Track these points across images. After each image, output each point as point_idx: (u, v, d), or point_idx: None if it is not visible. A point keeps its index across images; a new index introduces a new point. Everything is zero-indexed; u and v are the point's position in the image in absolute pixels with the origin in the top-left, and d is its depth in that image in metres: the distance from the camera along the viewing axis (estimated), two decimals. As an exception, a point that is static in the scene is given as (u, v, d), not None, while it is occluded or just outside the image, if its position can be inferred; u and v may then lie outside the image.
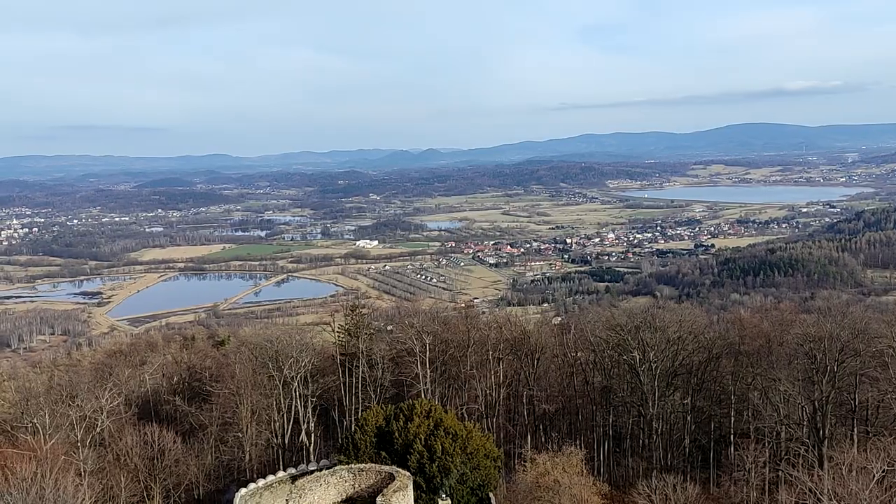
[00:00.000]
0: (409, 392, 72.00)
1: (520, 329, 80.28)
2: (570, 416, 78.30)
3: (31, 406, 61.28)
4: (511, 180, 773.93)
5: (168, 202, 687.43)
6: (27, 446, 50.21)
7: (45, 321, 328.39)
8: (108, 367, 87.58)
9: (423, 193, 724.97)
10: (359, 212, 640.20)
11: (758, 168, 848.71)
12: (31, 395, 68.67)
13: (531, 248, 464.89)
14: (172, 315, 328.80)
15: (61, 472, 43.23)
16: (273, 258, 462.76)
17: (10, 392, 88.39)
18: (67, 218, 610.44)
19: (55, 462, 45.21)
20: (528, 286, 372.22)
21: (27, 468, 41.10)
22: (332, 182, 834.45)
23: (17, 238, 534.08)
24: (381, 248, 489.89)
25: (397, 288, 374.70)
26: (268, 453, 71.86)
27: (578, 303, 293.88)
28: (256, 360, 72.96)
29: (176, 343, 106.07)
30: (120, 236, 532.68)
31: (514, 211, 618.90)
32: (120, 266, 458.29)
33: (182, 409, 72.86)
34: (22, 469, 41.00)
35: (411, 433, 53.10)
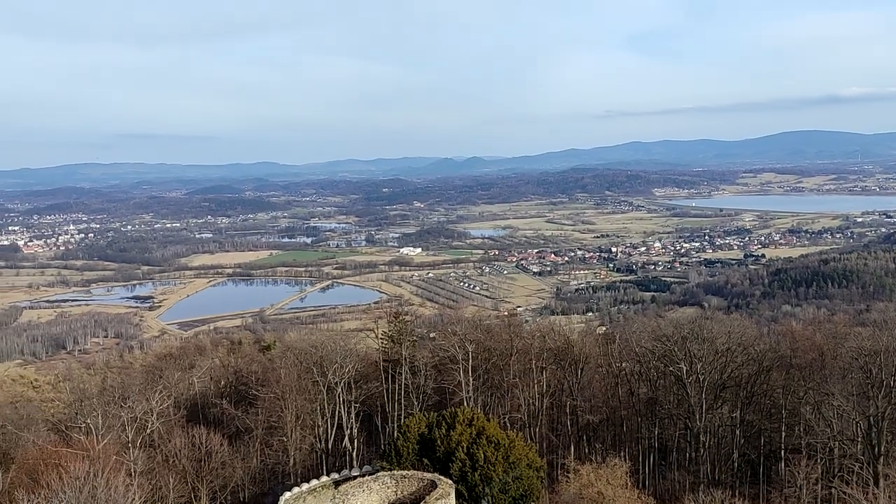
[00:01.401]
0: (451, 400, 71.97)
1: (563, 338, 79.54)
2: (615, 427, 77.24)
3: (85, 406, 62.82)
4: (555, 188, 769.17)
5: (217, 209, 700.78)
6: (81, 446, 51.53)
7: (99, 324, 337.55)
8: (158, 370, 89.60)
9: (467, 201, 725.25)
10: (403, 219, 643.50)
11: (811, 176, 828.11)
12: (85, 395, 70.49)
13: (575, 256, 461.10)
14: (220, 319, 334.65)
15: (113, 472, 44.28)
16: (318, 264, 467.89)
17: (65, 392, 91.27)
18: (121, 224, 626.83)
19: (107, 462, 46.32)
20: (572, 295, 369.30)
21: (80, 467, 42.18)
22: (376, 190, 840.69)
23: (73, 243, 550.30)
24: (424, 255, 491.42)
25: (440, 295, 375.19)
26: (311, 458, 72.51)
27: (623, 312, 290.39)
28: (301, 365, 73.71)
29: (223, 347, 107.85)
30: (171, 242, 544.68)
31: (558, 219, 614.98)
32: (171, 271, 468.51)
33: (229, 412, 73.95)
34: (75, 468, 42.08)
35: (453, 441, 53.08)
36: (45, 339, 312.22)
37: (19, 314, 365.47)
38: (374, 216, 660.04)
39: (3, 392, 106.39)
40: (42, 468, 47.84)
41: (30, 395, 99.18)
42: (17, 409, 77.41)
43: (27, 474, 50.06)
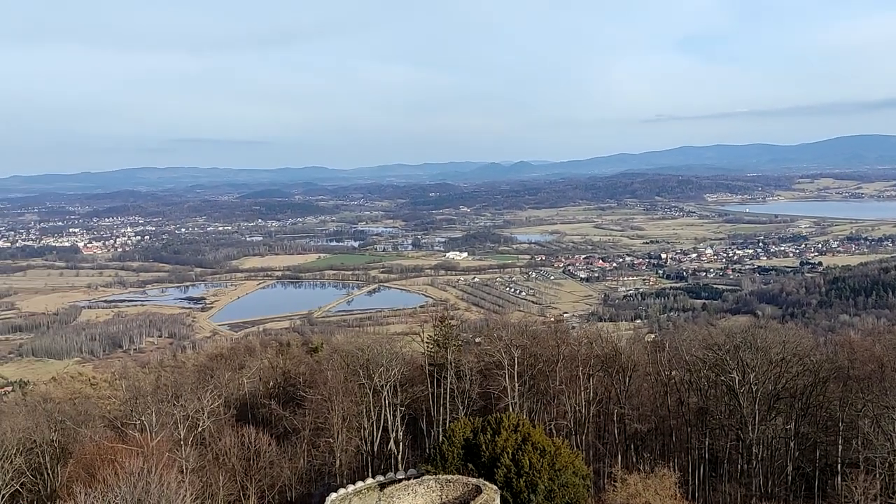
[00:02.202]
0: (496, 405, 71.70)
1: (611, 345, 78.58)
2: (664, 436, 75.93)
3: (140, 404, 64.34)
4: (604, 193, 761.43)
5: (268, 212, 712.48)
6: (135, 442, 52.80)
7: (153, 324, 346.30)
8: (209, 370, 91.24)
9: (514, 206, 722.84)
10: (449, 224, 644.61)
11: (870, 182, 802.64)
12: (139, 393, 72.18)
13: (624, 262, 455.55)
14: (269, 321, 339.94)
15: (165, 469, 45.28)
16: (365, 268, 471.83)
17: (121, 390, 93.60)
18: (176, 226, 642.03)
19: (160, 458, 47.39)
20: (620, 301, 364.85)
21: (135, 463, 43.27)
22: (423, 194, 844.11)
23: (130, 245, 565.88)
24: (470, 259, 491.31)
25: (486, 300, 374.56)
26: (357, 460, 73.02)
27: (673, 320, 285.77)
28: (348, 367, 74.31)
29: (272, 348, 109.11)
30: (223, 244, 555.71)
31: (606, 224, 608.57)
32: (222, 273, 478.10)
33: (277, 412, 74.91)
34: (130, 464, 43.18)
35: (499, 447, 52.86)
36: (102, 337, 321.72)
37: (79, 313, 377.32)
38: (420, 220, 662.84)
39: (63, 388, 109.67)
40: (98, 463, 49.19)
41: (87, 391, 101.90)
42: (76, 406, 79.61)
43: (84, 469, 51.50)
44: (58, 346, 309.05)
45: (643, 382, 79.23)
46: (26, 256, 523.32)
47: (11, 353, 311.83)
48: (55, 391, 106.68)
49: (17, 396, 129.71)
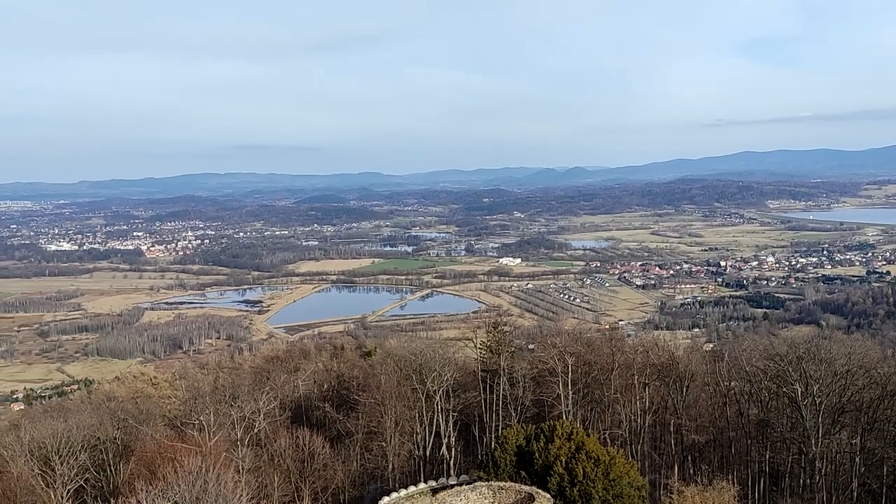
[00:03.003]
0: (549, 413, 71.05)
1: (668, 354, 77.04)
2: (722, 448, 74.09)
3: (199, 404, 65.77)
4: (661, 199, 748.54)
5: (323, 217, 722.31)
6: (194, 442, 54.02)
7: (212, 326, 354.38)
8: (265, 372, 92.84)
9: (568, 212, 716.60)
10: (503, 229, 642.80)
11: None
12: (198, 394, 73.81)
13: (681, 269, 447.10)
14: (324, 325, 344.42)
15: (223, 468, 46.16)
16: (418, 273, 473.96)
17: (180, 390, 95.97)
18: (234, 231, 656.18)
19: (217, 458, 48.34)
20: (677, 310, 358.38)
21: (193, 462, 44.21)
22: (477, 200, 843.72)
23: (190, 249, 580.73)
24: (523, 265, 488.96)
25: (539, 307, 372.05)
26: (409, 464, 73.22)
27: (732, 329, 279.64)
28: (401, 371, 74.66)
29: (327, 352, 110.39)
30: (279, 249, 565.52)
31: (663, 231, 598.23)
32: (279, 277, 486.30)
33: (331, 415, 75.66)
34: (189, 462, 44.15)
35: (552, 455, 52.30)
36: (163, 338, 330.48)
37: (141, 315, 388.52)
38: (473, 226, 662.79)
39: (126, 388, 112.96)
40: (159, 461, 50.46)
41: (149, 391, 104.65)
42: (138, 405, 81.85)
43: (145, 466, 52.88)
44: (121, 346, 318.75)
45: (701, 393, 77.51)
46: (93, 259, 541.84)
47: (78, 352, 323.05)
48: (118, 390, 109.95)
49: (82, 394, 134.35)
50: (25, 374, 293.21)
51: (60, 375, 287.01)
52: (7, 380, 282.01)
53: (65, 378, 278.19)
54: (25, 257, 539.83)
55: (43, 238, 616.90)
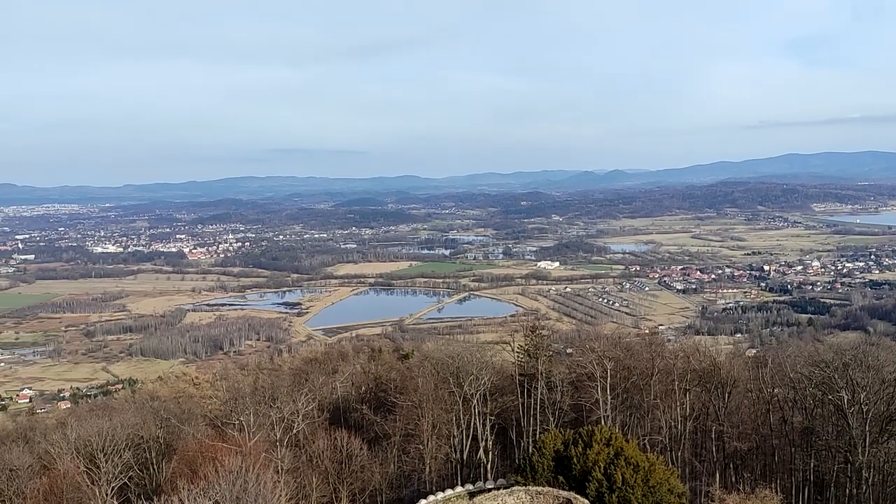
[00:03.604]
0: (587, 418, 70.40)
1: (709, 360, 75.80)
2: (765, 456, 72.60)
3: (239, 405, 66.53)
4: (702, 202, 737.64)
5: (361, 220, 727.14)
6: (234, 441, 54.70)
7: (252, 327, 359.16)
8: (304, 374, 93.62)
9: (608, 215, 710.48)
10: (541, 233, 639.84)
11: None
12: (238, 394, 74.69)
13: (723, 274, 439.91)
14: (362, 327, 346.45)
15: (262, 468, 46.67)
16: (456, 276, 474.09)
17: (221, 391, 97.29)
18: (274, 234, 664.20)
19: (257, 458, 48.89)
20: (718, 314, 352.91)
21: (233, 462, 44.80)
22: (515, 203, 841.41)
23: (231, 251, 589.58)
24: (562, 269, 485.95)
25: (578, 311, 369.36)
26: (447, 467, 73.16)
27: (776, 335, 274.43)
28: (438, 375, 74.65)
29: (364, 354, 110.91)
30: (318, 251, 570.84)
31: (704, 235, 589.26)
32: (317, 279, 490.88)
33: (368, 417, 75.98)
34: (229, 462, 44.73)
35: (590, 460, 51.78)
36: (204, 339, 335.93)
37: (183, 316, 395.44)
38: (511, 229, 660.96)
39: (168, 387, 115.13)
40: (200, 460, 51.22)
41: (191, 391, 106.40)
42: (180, 404, 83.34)
43: (187, 465, 53.73)
44: (164, 346, 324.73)
45: (743, 399, 76.12)
46: (137, 261, 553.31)
47: (122, 352, 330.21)
48: (161, 390, 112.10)
49: (126, 394, 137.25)
50: (72, 373, 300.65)
51: (105, 375, 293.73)
52: (55, 378, 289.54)
53: (109, 377, 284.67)
54: (73, 259, 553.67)
55: (89, 240, 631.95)
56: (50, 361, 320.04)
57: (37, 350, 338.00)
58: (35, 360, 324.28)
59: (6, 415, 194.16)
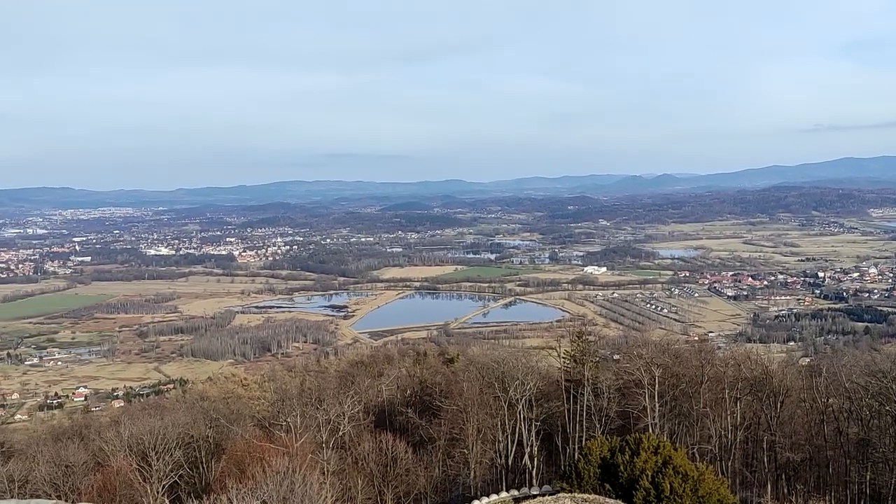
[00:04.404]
0: (635, 425, 69.42)
1: (761, 368, 74.02)
2: (819, 468, 70.59)
3: (286, 406, 67.43)
4: (754, 207, 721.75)
5: (407, 224, 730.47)
6: (281, 442, 55.40)
7: (299, 330, 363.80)
8: (350, 376, 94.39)
9: (656, 220, 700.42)
10: (588, 237, 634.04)
11: None
12: (286, 396, 75.78)
13: (776, 280, 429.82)
14: (407, 331, 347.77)
15: (308, 469, 47.14)
16: (501, 281, 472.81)
17: (269, 392, 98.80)
18: (322, 237, 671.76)
19: (304, 459, 49.42)
20: (771, 322, 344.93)
21: (280, 462, 45.37)
22: (561, 207, 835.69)
23: (279, 254, 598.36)
24: (609, 274, 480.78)
25: (625, 316, 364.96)
26: (491, 472, 72.92)
27: (831, 343, 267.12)
28: (483, 379, 74.48)
29: (410, 358, 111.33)
30: (365, 255, 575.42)
31: (756, 240, 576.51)
32: (364, 283, 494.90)
33: (413, 421, 76.17)
34: (276, 463, 45.32)
35: (637, 468, 51.00)
36: (253, 341, 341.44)
37: (233, 318, 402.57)
38: (558, 234, 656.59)
39: (218, 388, 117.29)
40: (248, 460, 52.00)
41: (239, 392, 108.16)
42: (229, 405, 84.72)
43: (235, 465, 54.59)
44: (214, 347, 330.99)
45: (796, 409, 74.19)
46: (188, 263, 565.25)
47: (174, 352, 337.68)
48: (211, 390, 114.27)
49: (177, 394, 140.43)
50: (125, 372, 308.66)
51: (157, 375, 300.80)
52: (109, 378, 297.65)
53: (161, 377, 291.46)
54: (127, 261, 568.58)
55: (143, 243, 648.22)
56: (104, 361, 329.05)
57: (92, 350, 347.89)
58: (90, 359, 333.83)
59: (63, 412, 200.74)
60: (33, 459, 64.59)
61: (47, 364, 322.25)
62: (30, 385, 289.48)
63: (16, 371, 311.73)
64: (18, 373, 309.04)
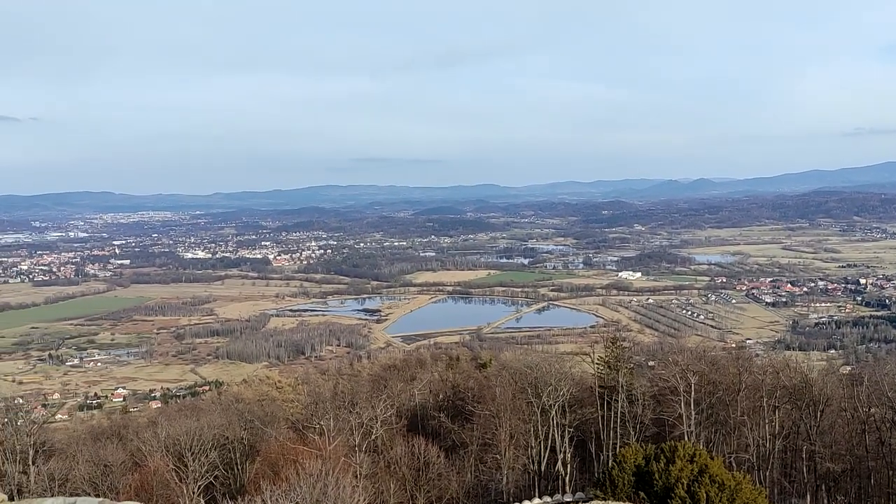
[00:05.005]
0: (670, 433, 68.40)
1: (801, 376, 72.52)
2: (860, 479, 68.82)
3: (319, 409, 67.71)
4: (793, 212, 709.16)
5: (440, 229, 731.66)
6: (315, 445, 55.68)
7: (332, 333, 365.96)
8: (383, 380, 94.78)
9: (692, 225, 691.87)
10: (622, 242, 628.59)
11: None
12: (319, 399, 76.14)
13: (816, 287, 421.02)
14: (440, 335, 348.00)
15: (341, 472, 47.31)
16: (534, 286, 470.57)
17: (302, 395, 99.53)
18: (355, 241, 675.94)
19: (337, 462, 49.62)
20: (810, 329, 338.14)
21: (314, 465, 45.58)
22: (595, 212, 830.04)
23: (314, 258, 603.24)
24: (644, 280, 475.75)
25: (660, 323, 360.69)
26: (524, 478, 72.47)
27: (873, 352, 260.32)
28: (516, 384, 74.15)
29: (442, 362, 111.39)
30: (398, 259, 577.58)
31: (796, 246, 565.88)
32: (396, 287, 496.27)
33: (446, 425, 76.13)
34: (309, 465, 45.55)
35: (672, 476, 50.22)
36: (287, 344, 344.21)
37: (267, 321, 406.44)
38: (592, 239, 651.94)
39: (252, 390, 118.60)
40: (282, 462, 52.40)
41: (273, 394, 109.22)
42: (263, 407, 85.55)
43: (269, 467, 55.06)
44: (249, 350, 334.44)
45: (837, 418, 72.44)
46: (224, 267, 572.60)
47: (210, 354, 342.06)
48: (245, 392, 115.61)
49: (213, 395, 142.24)
50: (163, 373, 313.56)
51: (193, 376, 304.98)
52: (147, 379, 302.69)
53: (197, 379, 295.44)
54: (165, 264, 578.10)
55: (180, 246, 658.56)
56: (142, 362, 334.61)
57: (130, 351, 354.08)
58: (129, 360, 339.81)
59: (102, 412, 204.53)
60: (73, 458, 65.77)
61: (87, 365, 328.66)
62: (70, 385, 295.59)
63: (57, 371, 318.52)
64: (59, 373, 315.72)
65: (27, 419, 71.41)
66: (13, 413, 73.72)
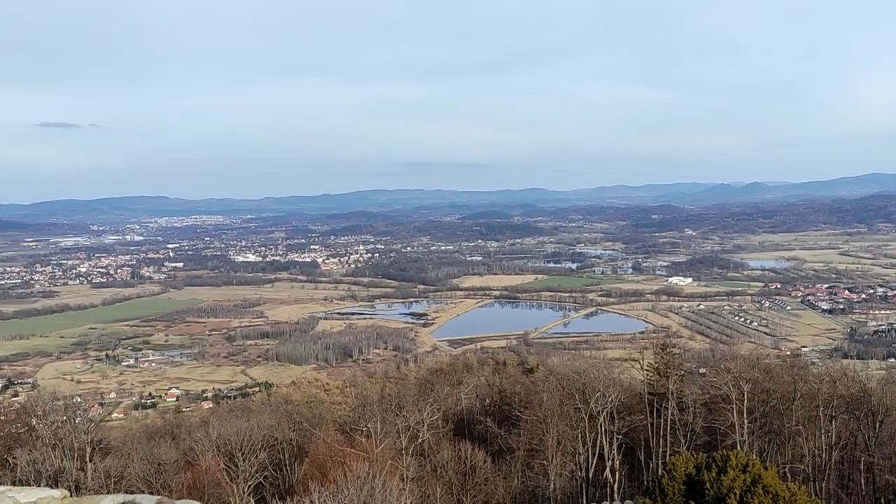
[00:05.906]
0: (721, 441, 67.00)
1: (859, 385, 70.27)
2: (923, 493, 66.31)
3: (367, 412, 68.22)
4: (851, 217, 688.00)
5: (487, 233, 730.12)
6: (362, 447, 56.04)
7: (379, 336, 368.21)
8: (429, 384, 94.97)
9: (745, 229, 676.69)
10: (672, 247, 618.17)
11: None
12: (366, 401, 76.68)
13: (875, 294, 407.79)
14: (486, 339, 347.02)
15: (388, 475, 47.49)
16: (582, 290, 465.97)
17: (350, 397, 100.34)
18: (402, 245, 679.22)
19: (383, 465, 49.82)
20: (869, 337, 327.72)
21: (361, 467, 45.85)
22: (645, 216, 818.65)
23: (361, 262, 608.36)
24: (695, 285, 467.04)
25: (712, 329, 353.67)
26: (571, 485, 71.80)
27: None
28: (564, 390, 73.48)
29: (489, 367, 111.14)
30: (444, 263, 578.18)
31: (854, 251, 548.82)
32: (443, 291, 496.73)
33: (492, 430, 75.88)
34: (357, 467, 45.83)
35: (724, 486, 49.09)
36: (335, 347, 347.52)
37: (316, 324, 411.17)
38: (641, 243, 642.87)
39: (301, 392, 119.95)
40: (330, 464, 52.83)
41: (321, 396, 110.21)
42: (311, 409, 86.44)
43: (317, 468, 55.58)
44: (297, 352, 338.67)
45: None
46: (274, 270, 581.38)
47: (259, 356, 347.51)
48: (294, 394, 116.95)
49: (263, 396, 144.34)
50: (214, 374, 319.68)
51: (244, 378, 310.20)
52: (199, 379, 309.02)
53: (247, 380, 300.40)
54: (217, 267, 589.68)
55: (232, 250, 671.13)
56: (195, 363, 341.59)
57: (183, 352, 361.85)
58: (182, 361, 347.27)
59: (156, 412, 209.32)
60: (128, 456, 67.46)
61: (142, 365, 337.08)
62: (126, 385, 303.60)
63: (113, 371, 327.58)
64: (116, 373, 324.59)
65: (85, 417, 73.54)
66: (72, 411, 75.97)
